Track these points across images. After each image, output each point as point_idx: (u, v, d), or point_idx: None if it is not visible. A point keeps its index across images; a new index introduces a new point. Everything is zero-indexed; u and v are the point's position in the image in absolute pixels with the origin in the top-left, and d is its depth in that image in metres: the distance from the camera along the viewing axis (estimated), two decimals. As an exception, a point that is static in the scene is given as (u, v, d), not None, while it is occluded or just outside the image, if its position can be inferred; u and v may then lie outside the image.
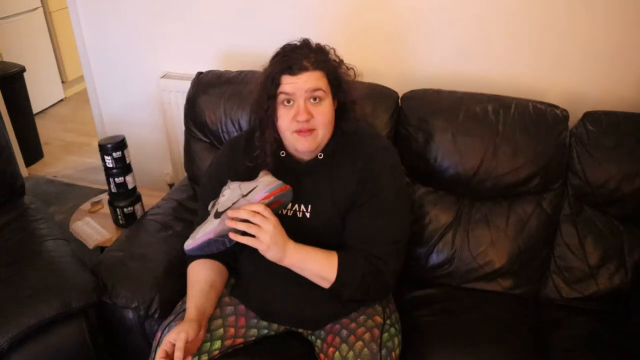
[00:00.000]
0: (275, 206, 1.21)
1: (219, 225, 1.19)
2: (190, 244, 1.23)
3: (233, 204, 1.19)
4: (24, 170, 3.13)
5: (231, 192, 1.21)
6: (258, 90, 1.27)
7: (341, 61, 1.31)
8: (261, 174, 1.25)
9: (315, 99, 1.22)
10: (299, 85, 1.21)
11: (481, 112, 1.61)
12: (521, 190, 1.62)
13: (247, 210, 1.16)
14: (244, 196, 1.19)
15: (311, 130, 1.24)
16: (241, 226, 1.15)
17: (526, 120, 1.58)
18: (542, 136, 1.57)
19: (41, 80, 3.91)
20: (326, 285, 1.26)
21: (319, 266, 1.25)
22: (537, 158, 1.57)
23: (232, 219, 1.16)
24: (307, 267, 1.24)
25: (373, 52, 1.95)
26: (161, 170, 2.59)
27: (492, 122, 1.59)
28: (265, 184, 1.20)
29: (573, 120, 1.62)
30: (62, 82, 4.21)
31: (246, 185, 1.21)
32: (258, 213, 1.16)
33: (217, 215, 1.20)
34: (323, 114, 1.24)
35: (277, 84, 1.22)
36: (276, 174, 1.31)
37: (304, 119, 1.21)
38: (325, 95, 1.24)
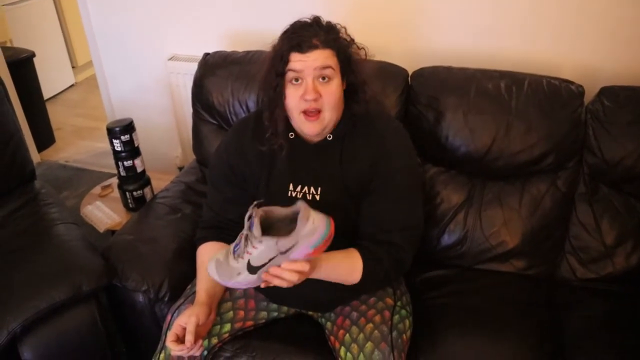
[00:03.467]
0: None
1: (256, 280, 1.09)
2: (215, 277, 1.12)
3: (270, 259, 1.06)
4: (35, 156, 3.15)
5: (266, 247, 1.06)
6: (266, 68, 1.25)
7: (352, 40, 1.27)
8: (299, 217, 1.03)
9: (324, 78, 1.20)
10: (308, 63, 1.18)
11: (493, 89, 1.57)
12: (535, 169, 1.59)
13: (291, 271, 1.06)
14: (282, 253, 1.05)
15: (318, 112, 1.22)
16: (277, 282, 1.08)
17: (540, 97, 1.54)
18: (556, 113, 1.53)
19: (51, 66, 3.91)
20: (349, 284, 1.25)
21: (343, 275, 1.23)
22: (552, 135, 1.53)
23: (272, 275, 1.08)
24: (331, 277, 1.22)
25: (382, 29, 1.91)
26: (171, 153, 2.59)
27: (504, 99, 1.56)
28: (307, 238, 1.03)
29: (589, 96, 1.58)
30: (73, 67, 4.22)
31: (284, 242, 1.03)
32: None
33: (252, 269, 1.07)
34: (331, 94, 1.21)
35: (286, 61, 1.19)
36: (285, 156, 1.31)
37: (311, 98, 1.18)
38: (334, 74, 1.21)
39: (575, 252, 1.60)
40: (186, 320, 1.19)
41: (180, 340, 1.18)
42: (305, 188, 1.32)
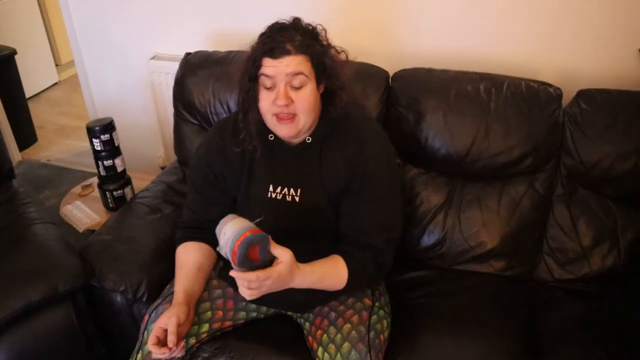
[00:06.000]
0: (255, 255, 1.09)
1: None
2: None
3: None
4: (17, 155, 3.12)
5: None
6: (241, 70, 1.25)
7: (329, 44, 1.26)
8: (226, 219, 1.12)
9: (296, 83, 1.19)
10: (280, 69, 1.17)
11: (473, 91, 1.58)
12: (513, 171, 1.60)
13: (239, 279, 1.10)
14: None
15: (292, 117, 1.21)
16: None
17: (519, 99, 1.55)
18: (535, 115, 1.54)
19: (34, 64, 3.87)
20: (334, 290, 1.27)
21: (329, 284, 1.25)
22: (530, 137, 1.54)
23: None
24: (317, 287, 1.23)
25: (363, 31, 1.91)
26: (153, 153, 2.57)
27: (484, 101, 1.57)
28: (225, 240, 1.09)
29: (567, 99, 1.59)
30: (56, 65, 4.17)
31: (221, 230, 1.12)
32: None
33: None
34: (303, 100, 1.20)
35: (258, 65, 1.19)
36: (265, 158, 1.31)
37: (282, 104, 1.18)
38: (307, 80, 1.19)
39: (552, 253, 1.61)
40: (166, 321, 1.18)
41: (162, 342, 1.18)
42: (285, 189, 1.32)
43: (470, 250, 1.62)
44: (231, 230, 1.07)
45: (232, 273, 1.10)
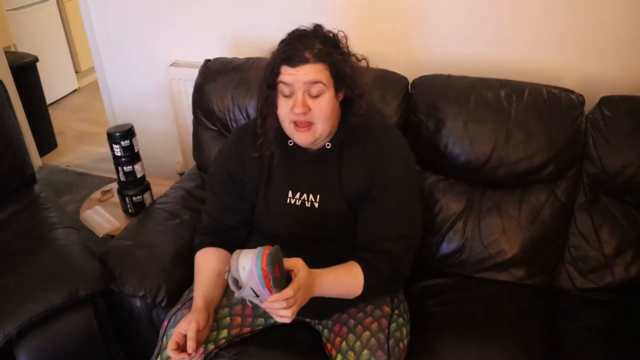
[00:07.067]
0: (278, 273, 1.06)
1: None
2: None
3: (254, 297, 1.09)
4: (37, 160, 3.16)
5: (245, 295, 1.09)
6: (260, 77, 1.25)
7: (349, 52, 1.25)
8: (234, 256, 1.07)
9: (314, 92, 1.18)
10: (298, 77, 1.17)
11: (493, 98, 1.57)
12: (534, 178, 1.58)
13: (276, 309, 1.07)
14: (255, 297, 1.07)
15: (309, 125, 1.21)
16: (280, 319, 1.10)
17: (540, 106, 1.54)
18: (556, 122, 1.53)
19: (55, 71, 3.93)
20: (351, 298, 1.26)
21: (345, 291, 1.24)
22: (551, 145, 1.53)
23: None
24: (333, 294, 1.23)
25: (383, 38, 1.91)
26: (172, 159, 2.59)
27: (504, 107, 1.55)
28: (252, 283, 1.04)
29: (589, 106, 1.57)
30: (76, 72, 4.24)
31: (245, 293, 1.07)
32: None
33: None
34: (321, 108, 1.19)
35: (277, 73, 1.19)
36: (284, 163, 1.31)
37: (300, 112, 1.18)
38: (325, 89, 1.19)
39: (574, 261, 1.59)
40: (186, 327, 1.18)
41: (181, 348, 1.18)
42: (304, 195, 1.32)
43: (490, 258, 1.60)
44: (249, 260, 1.04)
45: (270, 300, 1.04)
